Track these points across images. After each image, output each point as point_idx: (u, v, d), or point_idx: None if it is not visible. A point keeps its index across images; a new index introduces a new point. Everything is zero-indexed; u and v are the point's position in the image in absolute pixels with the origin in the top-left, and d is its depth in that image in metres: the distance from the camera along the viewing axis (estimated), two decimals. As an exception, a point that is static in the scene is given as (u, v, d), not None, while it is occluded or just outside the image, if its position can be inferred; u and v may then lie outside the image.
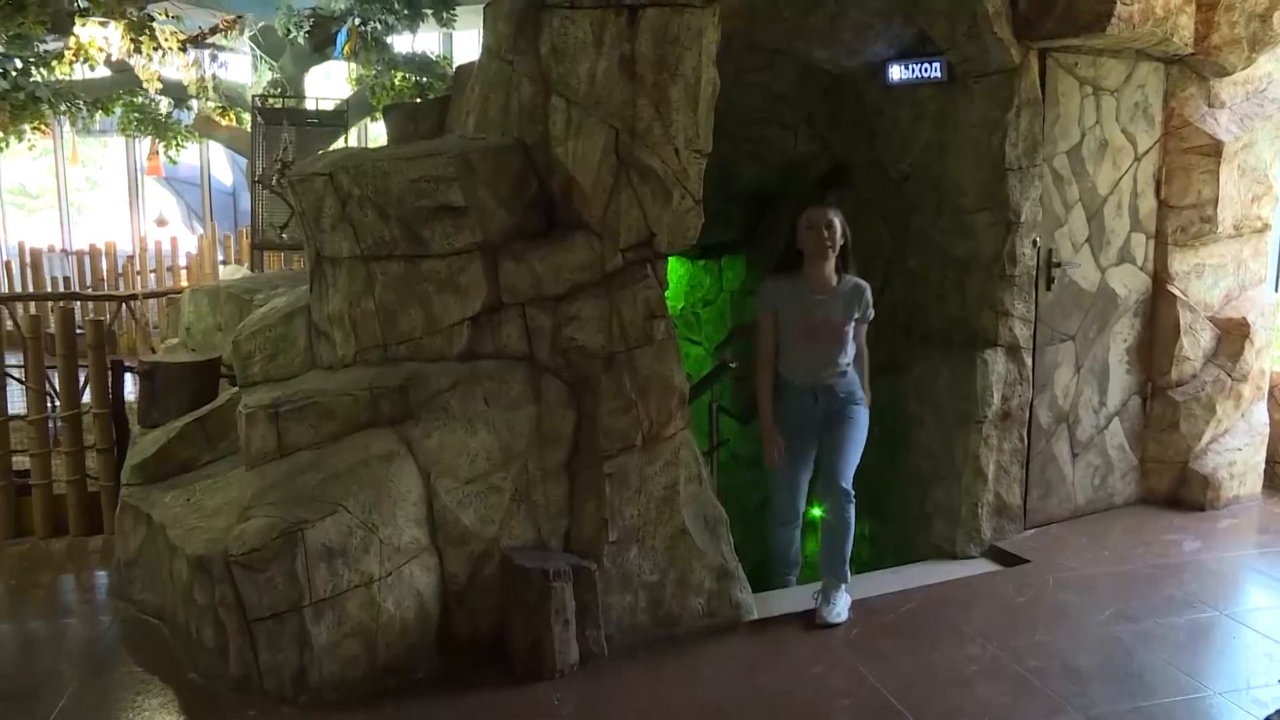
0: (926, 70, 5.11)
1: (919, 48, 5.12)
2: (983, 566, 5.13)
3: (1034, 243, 5.13)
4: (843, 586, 4.58)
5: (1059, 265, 5.29)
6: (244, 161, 13.15)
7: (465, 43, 13.88)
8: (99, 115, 12.13)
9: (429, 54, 11.79)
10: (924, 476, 5.35)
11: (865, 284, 4.74)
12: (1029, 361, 5.23)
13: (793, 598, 4.73)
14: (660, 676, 4.07)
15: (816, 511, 4.78)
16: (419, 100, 10.04)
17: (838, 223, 4.59)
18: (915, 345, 5.42)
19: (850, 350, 4.70)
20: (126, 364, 5.66)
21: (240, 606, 3.75)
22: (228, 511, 3.97)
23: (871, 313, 4.75)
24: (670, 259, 4.59)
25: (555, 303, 4.17)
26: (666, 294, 4.39)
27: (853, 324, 4.69)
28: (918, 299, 5.43)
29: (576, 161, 4.19)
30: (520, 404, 4.11)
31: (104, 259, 12.05)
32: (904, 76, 5.22)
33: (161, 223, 15.81)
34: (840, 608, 4.50)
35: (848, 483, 4.62)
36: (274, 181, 8.44)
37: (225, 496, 4.13)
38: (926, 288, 5.38)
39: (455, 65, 11.35)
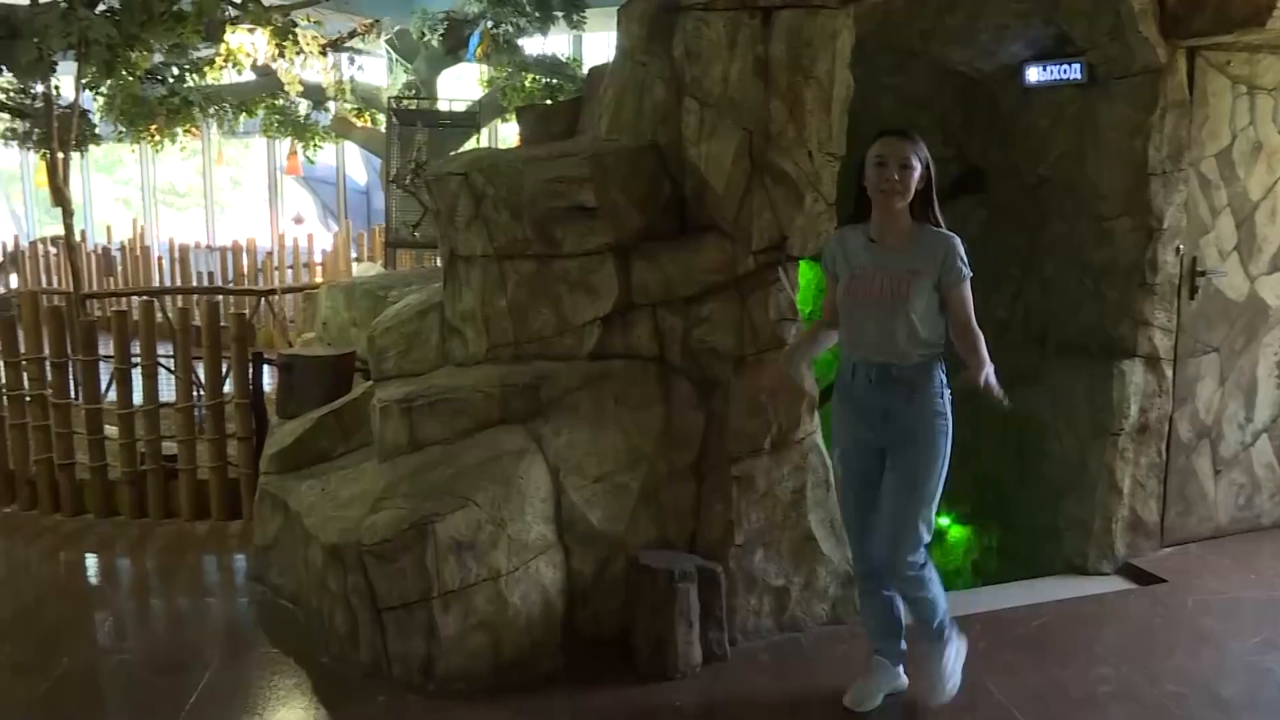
0: (1065, 72, 4.96)
1: (1058, 49, 4.97)
2: (1116, 584, 4.94)
3: (1177, 250, 4.94)
4: (946, 645, 3.73)
5: (1203, 273, 5.08)
6: (378, 161, 13.49)
7: (595, 45, 13.99)
8: (243, 118, 12.59)
9: (559, 56, 11.91)
10: (1057, 488, 5.19)
11: (952, 236, 3.55)
12: (1169, 373, 5.03)
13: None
14: (783, 681, 4.03)
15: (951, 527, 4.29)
16: (550, 102, 10.17)
17: (916, 159, 3.48)
18: (1050, 354, 5.27)
19: (925, 327, 3.51)
20: (266, 356, 5.85)
21: (371, 595, 3.84)
22: (361, 502, 4.07)
23: (963, 273, 3.50)
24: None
25: (686, 304, 4.18)
26: (796, 297, 4.37)
27: (927, 290, 3.48)
28: (1053, 307, 5.27)
29: (709, 164, 4.20)
30: (649, 404, 4.13)
31: (245, 255, 12.50)
32: (1042, 78, 5.07)
33: (299, 220, 16.33)
34: (947, 673, 3.72)
35: (912, 553, 3.55)
36: (407, 181, 8.64)
37: (358, 487, 4.23)
38: (1063, 296, 5.22)
39: (585, 67, 11.48)
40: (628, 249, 4.21)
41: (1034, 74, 5.08)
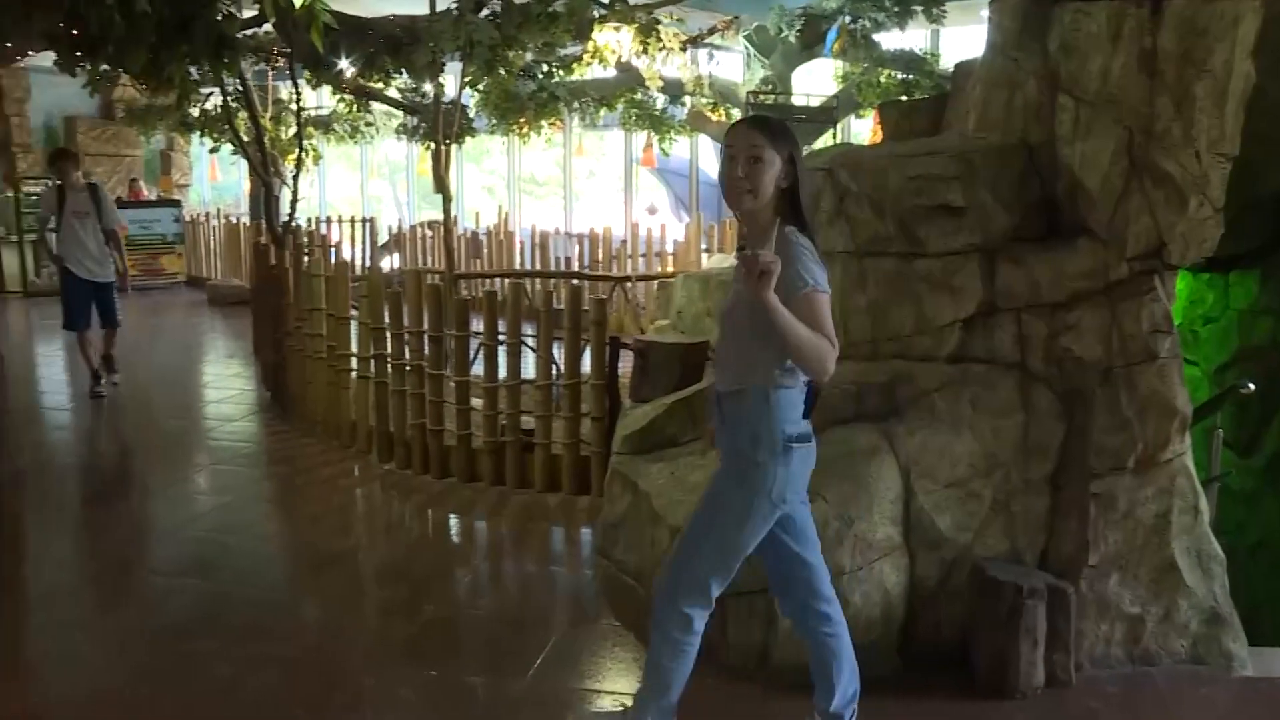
0: None
1: None
2: None
3: None
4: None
5: None
6: (730, 156, 13.72)
7: (953, 40, 13.61)
8: (603, 111, 13.17)
9: (916, 51, 11.67)
10: None
11: (797, 241, 2.92)
12: None
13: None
14: (1131, 717, 3.79)
15: None
16: (913, 98, 9.99)
17: (772, 152, 2.93)
18: None
19: (757, 355, 2.97)
20: (622, 341, 6.09)
21: (713, 580, 3.93)
22: (710, 488, 4.17)
23: (804, 282, 2.85)
24: (1175, 271, 4.25)
25: (1052, 310, 3.99)
26: (1172, 308, 4.08)
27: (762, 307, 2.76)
28: None
29: (1084, 163, 4.00)
30: (1007, 412, 3.98)
31: (600, 243, 13.08)
32: None
33: (652, 211, 16.86)
34: None
35: (680, 592, 3.14)
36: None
37: (706, 474, 4.31)
38: None
39: (942, 63, 11.19)
40: (993, 250, 4.08)
41: None
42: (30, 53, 7.10)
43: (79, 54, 5.74)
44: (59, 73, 6.90)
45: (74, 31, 5.50)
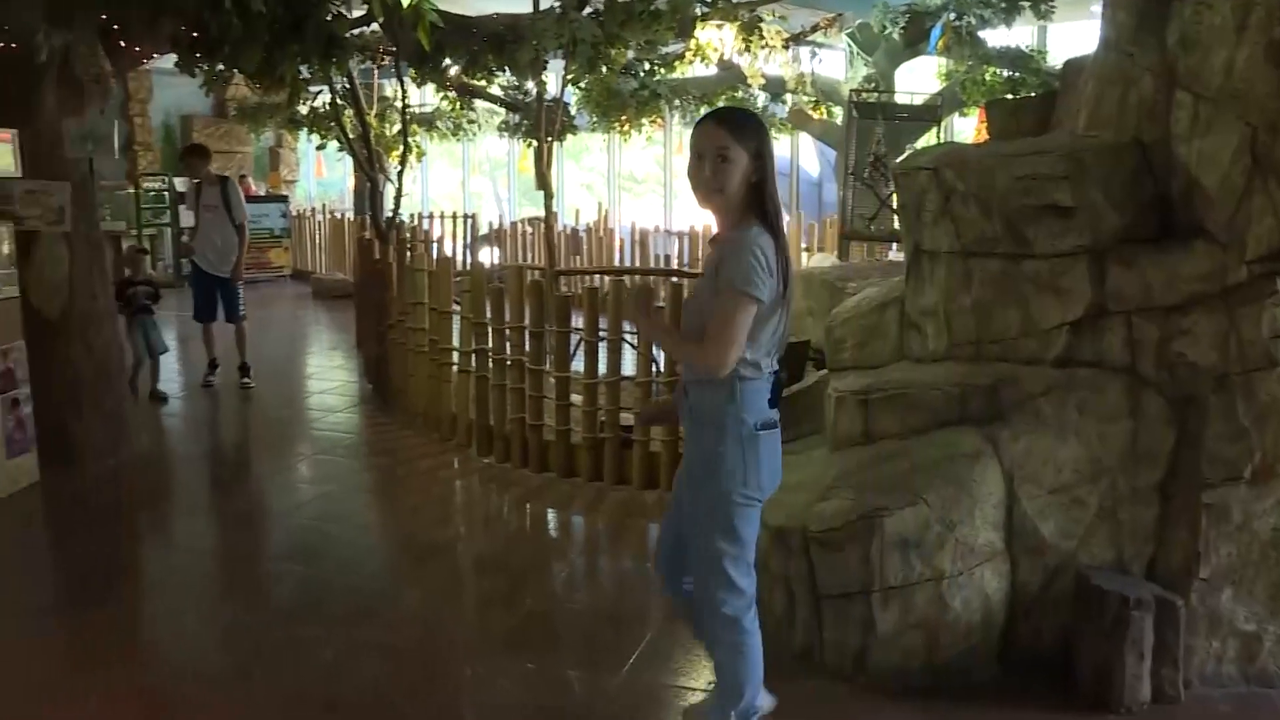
0: None
1: None
2: None
3: None
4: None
5: None
6: (831, 154, 13.62)
7: (1061, 36, 13.30)
8: (704, 109, 13.16)
9: (1022, 48, 11.44)
10: None
11: (741, 236, 2.95)
12: None
13: None
14: (1247, 739, 3.68)
15: None
16: (1020, 96, 9.80)
17: (739, 149, 2.94)
18: None
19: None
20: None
21: (812, 581, 3.91)
22: (808, 488, 4.14)
23: (730, 281, 2.90)
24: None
25: (1165, 313, 3.86)
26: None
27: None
28: None
29: (1201, 162, 3.86)
30: (1115, 417, 3.87)
31: (700, 241, 13.06)
32: None
33: (750, 209, 16.76)
34: None
35: (714, 595, 3.19)
36: (865, 174, 8.66)
37: (806, 474, 4.31)
38: None
39: (1049, 60, 10.94)
40: (1103, 251, 3.96)
41: None
42: (155, 55, 7.37)
43: (198, 55, 5.94)
44: (178, 73, 7.14)
45: (195, 34, 5.69)
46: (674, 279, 9.25)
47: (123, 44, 6.66)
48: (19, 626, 4.50)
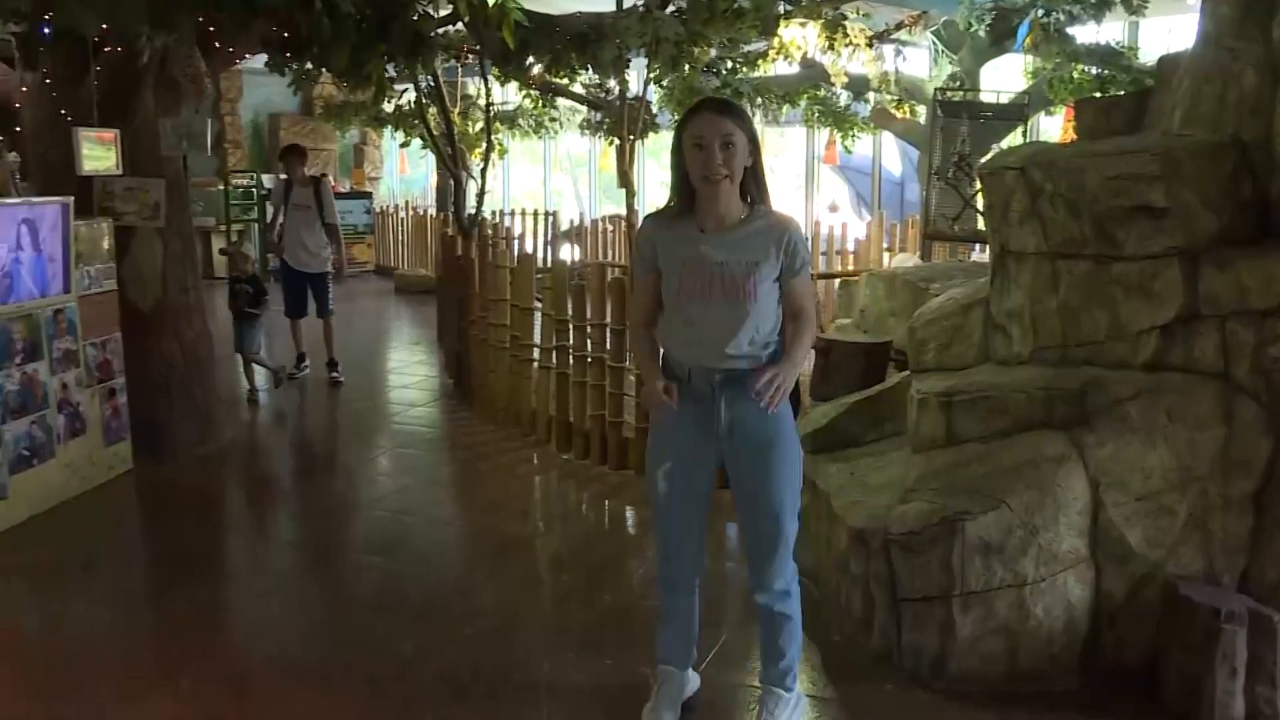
0: None
1: None
2: None
3: None
4: (787, 697, 3.51)
5: None
6: (913, 153, 13.46)
7: (1153, 32, 12.98)
8: (786, 108, 13.09)
9: (1112, 44, 11.19)
10: None
11: (791, 218, 3.22)
12: None
13: None
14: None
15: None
16: (1110, 94, 9.60)
17: (740, 133, 3.07)
18: None
19: (767, 324, 3.17)
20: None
21: (892, 584, 3.87)
22: (889, 490, 4.11)
23: (807, 260, 3.21)
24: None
25: (1262, 318, 3.73)
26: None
27: (769, 281, 3.14)
28: None
29: (1304, 161, 3.76)
30: (1207, 424, 3.77)
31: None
32: None
33: (833, 209, 16.64)
34: None
35: (777, 571, 3.34)
36: (949, 174, 8.55)
37: (887, 476, 4.27)
38: None
39: (1141, 56, 10.69)
40: (1197, 254, 3.86)
41: None
42: (247, 56, 7.55)
43: (288, 55, 6.07)
44: (267, 73, 7.29)
45: (285, 35, 5.81)
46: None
47: (217, 45, 6.83)
48: (114, 609, 4.66)
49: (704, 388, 3.22)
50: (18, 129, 6.75)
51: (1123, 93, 8.84)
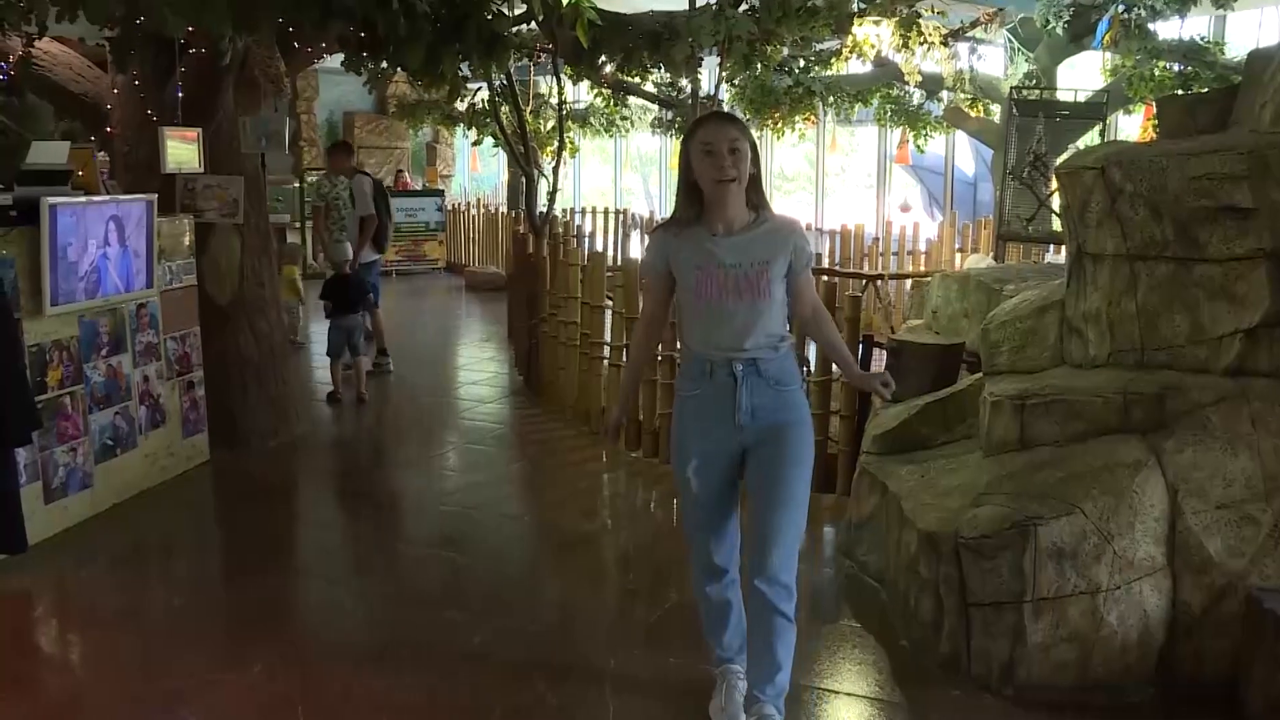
0: None
1: None
2: None
3: None
4: (774, 714, 3.41)
5: None
6: (986, 153, 13.27)
7: (1241, 26, 12.62)
8: (858, 107, 12.98)
9: (1197, 40, 10.92)
10: None
11: (796, 220, 3.51)
12: None
13: None
14: None
15: None
16: (1194, 92, 9.37)
17: (744, 141, 3.26)
18: None
19: (778, 318, 3.37)
20: (876, 340, 5.99)
21: (962, 588, 3.81)
22: (960, 494, 4.06)
23: (809, 263, 3.45)
24: None
25: (1351, 323, 3.65)
26: None
27: (779, 279, 3.33)
28: None
29: (1405, 158, 3.63)
30: (1295, 431, 3.68)
31: (852, 239, 12.90)
32: None
33: (905, 208, 16.45)
34: None
35: (781, 559, 3.34)
36: (1024, 174, 8.41)
37: (959, 479, 4.22)
38: None
39: (1228, 52, 10.42)
40: (1284, 256, 3.77)
41: None
42: (324, 55, 7.67)
43: (364, 54, 6.15)
44: (342, 72, 7.40)
45: (362, 34, 5.89)
46: (825, 277, 9.16)
47: (295, 45, 6.94)
48: (190, 595, 4.80)
49: (726, 378, 3.35)
50: (109, 129, 6.93)
51: (1206, 90, 8.62)
